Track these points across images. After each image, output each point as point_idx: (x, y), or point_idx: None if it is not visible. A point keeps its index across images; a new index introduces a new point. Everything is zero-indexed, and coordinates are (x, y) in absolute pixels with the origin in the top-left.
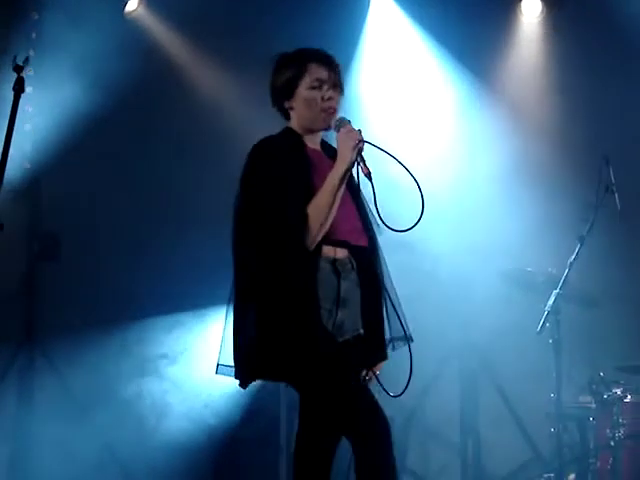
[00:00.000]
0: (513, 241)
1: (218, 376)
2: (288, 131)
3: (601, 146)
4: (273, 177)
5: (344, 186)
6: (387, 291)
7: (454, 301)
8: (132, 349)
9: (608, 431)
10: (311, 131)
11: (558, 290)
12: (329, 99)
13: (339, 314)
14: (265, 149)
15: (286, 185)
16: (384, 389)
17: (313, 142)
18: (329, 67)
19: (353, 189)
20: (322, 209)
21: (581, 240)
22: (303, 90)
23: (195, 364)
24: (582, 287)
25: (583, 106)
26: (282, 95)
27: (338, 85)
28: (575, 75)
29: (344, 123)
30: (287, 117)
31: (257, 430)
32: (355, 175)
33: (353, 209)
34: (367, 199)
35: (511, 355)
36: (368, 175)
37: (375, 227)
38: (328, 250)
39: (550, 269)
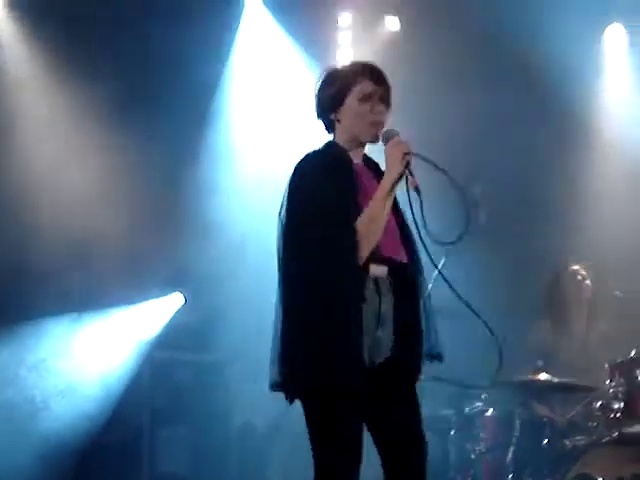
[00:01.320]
0: None
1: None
2: (334, 145)
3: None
4: (321, 194)
5: (391, 200)
6: (426, 308)
7: None
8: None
9: (469, 445)
10: (357, 144)
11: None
12: (378, 113)
13: (378, 334)
14: (312, 165)
15: (334, 202)
16: None
17: (357, 156)
18: (379, 81)
19: (395, 204)
20: (371, 223)
21: (446, 254)
22: (352, 102)
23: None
24: (445, 300)
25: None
26: (330, 106)
27: (387, 100)
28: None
29: (392, 135)
30: (330, 129)
31: (120, 438)
32: (404, 188)
33: (394, 224)
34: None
35: None
36: (416, 188)
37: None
38: (373, 268)
39: None
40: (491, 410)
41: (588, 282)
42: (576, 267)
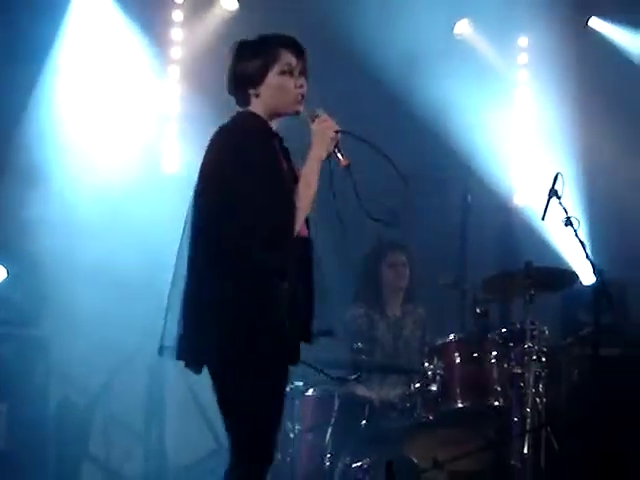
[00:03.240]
0: None
1: None
2: (255, 116)
3: None
4: (255, 163)
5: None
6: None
7: (145, 287)
8: None
9: (289, 424)
10: (274, 117)
11: None
12: (301, 86)
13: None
14: (236, 133)
15: (268, 171)
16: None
17: (274, 126)
18: (298, 53)
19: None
20: (307, 201)
21: None
22: (274, 76)
23: None
24: None
25: None
26: (249, 82)
27: (306, 71)
28: None
29: (319, 113)
30: (245, 104)
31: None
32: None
33: None
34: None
35: None
36: (348, 166)
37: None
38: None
39: None
40: (311, 390)
41: (406, 269)
42: (395, 253)
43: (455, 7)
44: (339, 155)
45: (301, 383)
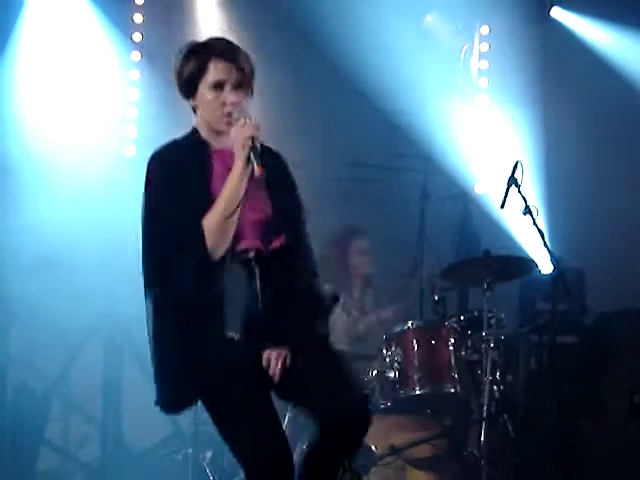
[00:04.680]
0: None
1: None
2: (192, 133)
3: None
4: (167, 188)
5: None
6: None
7: (102, 271)
8: None
9: None
10: (216, 133)
11: None
12: (231, 104)
13: None
14: (161, 157)
15: (181, 195)
16: None
17: (221, 142)
18: (232, 63)
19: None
20: (217, 219)
21: None
22: (204, 90)
23: None
24: None
25: None
26: (184, 93)
27: (244, 84)
28: None
29: (236, 119)
30: (195, 112)
31: None
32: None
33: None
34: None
35: None
36: (261, 175)
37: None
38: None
39: None
40: None
41: (369, 257)
42: (362, 240)
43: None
44: (254, 163)
45: None
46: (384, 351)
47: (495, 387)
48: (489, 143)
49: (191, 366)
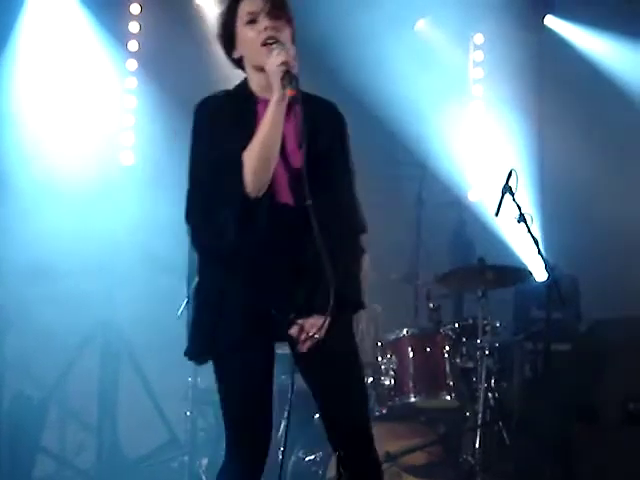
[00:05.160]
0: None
1: None
2: (240, 84)
3: None
4: (212, 129)
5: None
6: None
7: (98, 277)
8: None
9: None
10: (266, 75)
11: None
12: (266, 30)
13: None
14: (208, 102)
15: (224, 136)
16: None
17: (272, 91)
18: None
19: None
20: (257, 149)
21: None
22: (241, 30)
23: None
24: None
25: None
26: (227, 45)
27: (279, 11)
28: None
29: (273, 48)
30: (242, 69)
31: None
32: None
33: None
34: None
35: (152, 338)
36: (294, 97)
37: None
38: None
39: (194, 254)
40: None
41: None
42: None
43: (413, 6)
44: (287, 86)
45: None
46: (379, 358)
47: (490, 394)
48: (484, 151)
49: (215, 316)
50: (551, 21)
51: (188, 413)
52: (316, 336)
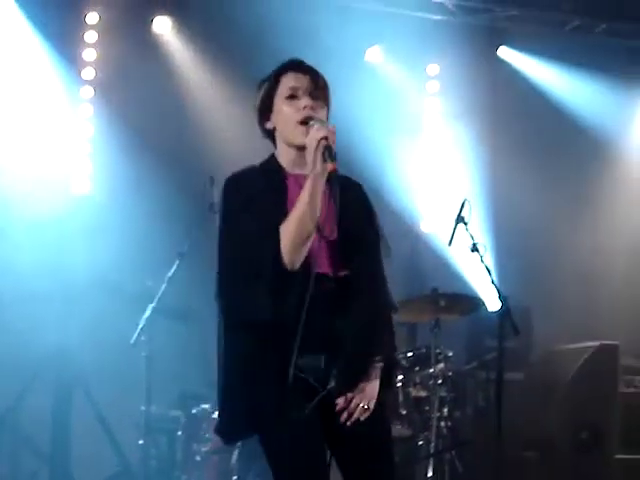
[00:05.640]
0: (113, 255)
1: None
2: (269, 158)
3: (207, 166)
4: (242, 207)
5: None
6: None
7: (49, 304)
8: None
9: (195, 445)
10: (296, 150)
11: (154, 304)
12: (304, 108)
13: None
14: (237, 178)
15: (256, 213)
16: None
17: (301, 165)
18: (305, 74)
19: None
20: (293, 226)
21: (180, 256)
22: (279, 104)
23: None
24: (178, 302)
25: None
26: (262, 116)
27: (320, 92)
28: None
29: (312, 125)
30: (273, 141)
31: None
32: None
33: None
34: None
35: (105, 366)
36: (332, 172)
37: None
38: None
39: (148, 282)
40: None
41: None
42: None
43: (366, 34)
44: (328, 160)
45: (208, 405)
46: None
47: (443, 423)
48: (437, 181)
49: (252, 398)
50: (505, 52)
51: (141, 442)
52: (366, 407)
